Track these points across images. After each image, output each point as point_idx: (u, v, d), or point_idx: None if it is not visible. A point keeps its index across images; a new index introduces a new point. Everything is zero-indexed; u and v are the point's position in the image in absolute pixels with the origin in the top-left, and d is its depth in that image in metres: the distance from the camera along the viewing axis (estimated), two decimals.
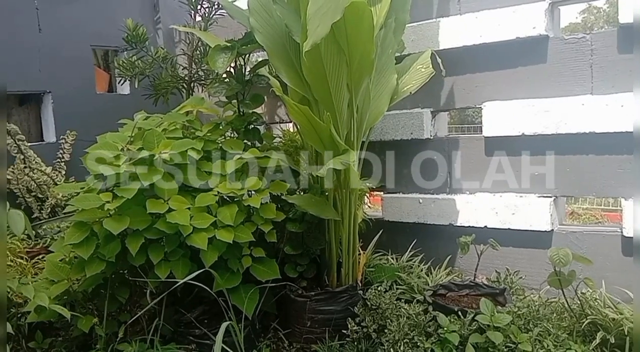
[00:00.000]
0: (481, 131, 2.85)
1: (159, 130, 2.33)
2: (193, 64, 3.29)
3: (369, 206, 3.50)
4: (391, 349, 2.09)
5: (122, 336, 2.27)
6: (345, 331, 2.35)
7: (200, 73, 3.30)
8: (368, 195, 3.30)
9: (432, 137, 3.02)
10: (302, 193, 2.72)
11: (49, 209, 3.34)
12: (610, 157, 2.51)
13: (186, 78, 3.29)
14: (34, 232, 3.04)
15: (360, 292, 2.51)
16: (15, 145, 3.27)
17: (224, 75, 2.71)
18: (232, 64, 2.66)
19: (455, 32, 2.84)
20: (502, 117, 2.73)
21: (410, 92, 2.62)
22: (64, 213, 3.19)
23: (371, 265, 2.80)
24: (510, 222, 2.74)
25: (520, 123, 2.67)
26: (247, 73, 2.70)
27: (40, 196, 3.37)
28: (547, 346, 2.00)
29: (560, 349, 2.00)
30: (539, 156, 2.69)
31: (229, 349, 2.01)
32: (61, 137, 3.68)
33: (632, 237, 2.43)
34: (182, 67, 3.41)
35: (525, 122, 2.66)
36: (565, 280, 2.20)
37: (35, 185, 3.33)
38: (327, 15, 1.89)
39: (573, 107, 2.53)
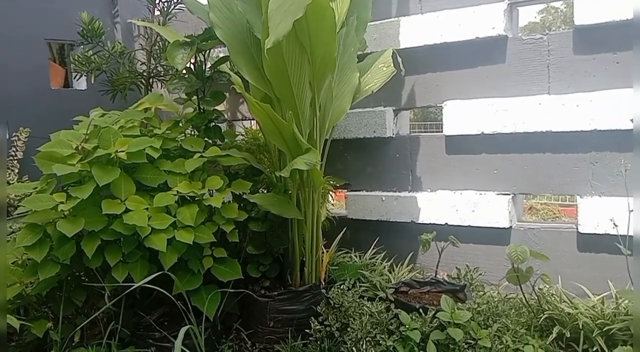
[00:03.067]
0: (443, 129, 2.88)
1: (116, 128, 2.26)
2: (152, 59, 3.22)
3: (332, 204, 3.49)
4: (354, 348, 2.09)
5: (79, 340, 2.20)
6: (308, 331, 2.34)
7: (159, 69, 3.23)
8: (332, 192, 3.30)
9: (394, 136, 3.04)
10: (264, 192, 2.70)
11: None
12: (566, 156, 2.57)
13: (144, 74, 3.21)
14: None
15: (324, 291, 2.50)
16: None
17: (184, 72, 2.66)
18: (192, 60, 2.61)
19: (417, 31, 2.86)
20: (462, 116, 2.77)
21: (372, 91, 2.62)
22: (17, 214, 3.07)
23: (335, 263, 2.80)
24: (470, 219, 2.79)
25: (479, 122, 2.71)
26: (207, 69, 2.66)
27: None
28: (506, 341, 2.04)
29: (518, 344, 2.04)
30: (497, 154, 2.74)
31: None
32: (14, 134, 3.54)
33: (586, 234, 2.50)
34: (140, 63, 3.33)
35: (484, 121, 2.70)
36: (523, 276, 2.25)
37: None
38: (289, 12, 1.86)
39: (530, 106, 2.58)
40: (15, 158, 3.47)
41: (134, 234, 2.07)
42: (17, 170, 3.44)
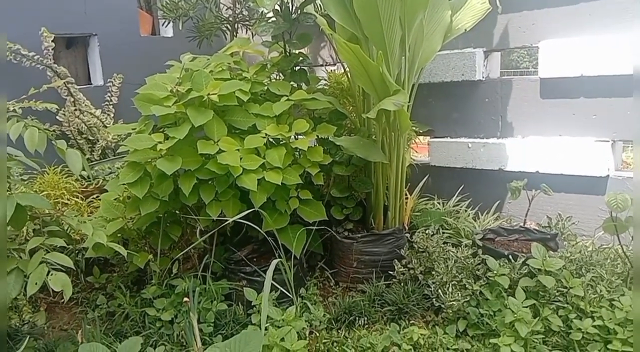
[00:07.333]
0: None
1: (207, 72, 2.31)
2: (237, 3, 3.22)
3: (415, 151, 3.44)
4: (439, 290, 2.10)
5: (176, 272, 2.35)
6: (391, 272, 2.37)
7: (245, 13, 3.23)
8: (414, 141, 3.24)
9: (484, 79, 2.90)
10: (349, 136, 2.69)
11: (100, 150, 3.43)
12: None
13: (230, 19, 3.23)
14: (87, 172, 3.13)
15: (407, 235, 2.51)
16: (65, 88, 3.32)
17: (269, 15, 2.65)
18: (278, 2, 2.58)
19: None
20: (560, 57, 2.59)
21: (465, 29, 2.49)
22: (117, 153, 3.27)
23: (417, 209, 2.79)
24: (564, 167, 2.65)
25: (580, 63, 2.53)
26: (293, 11, 2.63)
27: (90, 138, 3.45)
28: (600, 291, 1.98)
29: (613, 295, 1.97)
30: (598, 98, 2.56)
31: (279, 286, 2.06)
32: (108, 80, 3.71)
33: None
34: (225, 7, 3.35)
35: (585, 62, 2.52)
36: (621, 226, 2.13)
37: (86, 127, 3.40)
38: None
39: (638, 45, 2.37)
40: (110, 103, 3.65)
41: (227, 174, 2.15)
42: (112, 115, 3.63)
